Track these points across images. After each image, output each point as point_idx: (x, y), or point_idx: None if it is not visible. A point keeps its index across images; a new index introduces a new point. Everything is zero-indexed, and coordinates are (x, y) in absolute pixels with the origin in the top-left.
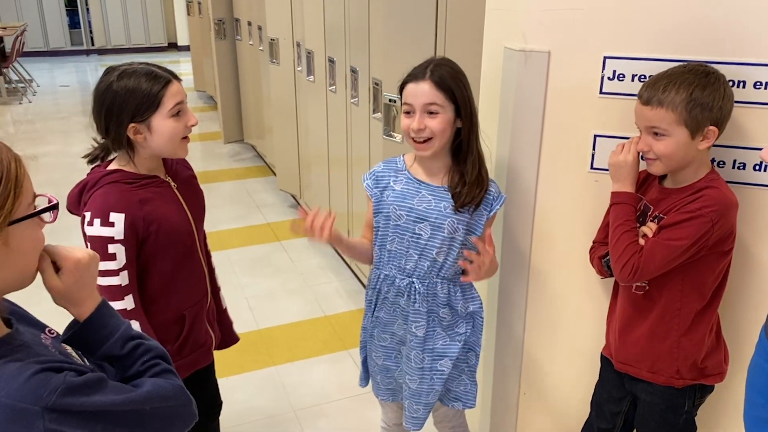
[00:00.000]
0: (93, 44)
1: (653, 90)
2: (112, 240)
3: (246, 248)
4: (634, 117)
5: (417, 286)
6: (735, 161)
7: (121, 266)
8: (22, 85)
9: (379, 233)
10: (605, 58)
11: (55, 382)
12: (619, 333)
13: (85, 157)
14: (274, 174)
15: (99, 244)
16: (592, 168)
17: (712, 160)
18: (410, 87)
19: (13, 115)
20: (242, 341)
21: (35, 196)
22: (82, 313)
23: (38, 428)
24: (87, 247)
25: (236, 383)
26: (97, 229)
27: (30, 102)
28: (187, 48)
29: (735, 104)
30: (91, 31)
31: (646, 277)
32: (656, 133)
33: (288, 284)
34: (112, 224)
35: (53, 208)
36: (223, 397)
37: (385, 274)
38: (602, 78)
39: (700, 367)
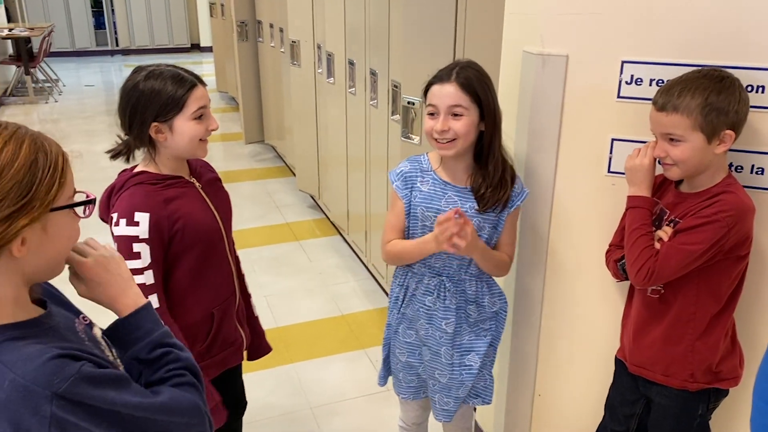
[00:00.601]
0: (117, 45)
1: (668, 96)
2: (137, 239)
3: (265, 247)
4: (650, 123)
5: (447, 284)
6: (753, 166)
7: (146, 265)
8: (49, 84)
9: (409, 232)
10: (623, 62)
11: (69, 370)
12: (634, 336)
13: (108, 152)
14: (294, 174)
15: (125, 244)
16: (609, 171)
17: (730, 165)
18: (435, 88)
19: (39, 114)
20: None
21: (75, 191)
22: (119, 311)
23: (45, 412)
24: (114, 243)
25: (254, 379)
26: (122, 229)
27: (56, 101)
28: (209, 49)
29: (753, 109)
30: (115, 32)
31: (661, 281)
32: (672, 139)
33: (306, 283)
34: (137, 224)
35: (90, 202)
36: None
37: (414, 272)
38: (620, 82)
39: (714, 371)
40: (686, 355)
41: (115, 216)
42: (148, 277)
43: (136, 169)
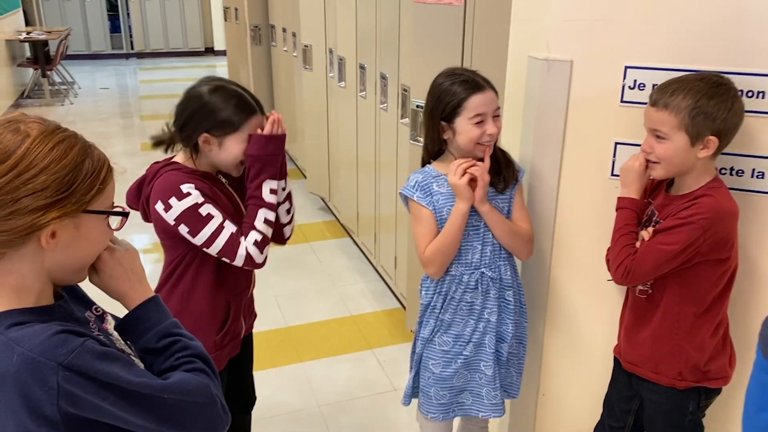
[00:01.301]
0: (132, 48)
1: (662, 92)
2: (197, 205)
3: (275, 248)
4: (644, 118)
5: (488, 274)
6: (753, 170)
7: (222, 218)
8: (65, 87)
9: None
10: (626, 67)
11: (73, 343)
12: (626, 334)
13: (152, 138)
14: (305, 177)
15: (191, 216)
16: (612, 175)
17: (731, 169)
18: (480, 98)
19: (55, 116)
20: (270, 338)
21: (113, 205)
22: (128, 305)
23: (52, 383)
24: (178, 228)
25: (264, 378)
26: (178, 206)
27: (72, 104)
28: (223, 53)
29: (754, 114)
30: (131, 36)
31: (639, 280)
32: (658, 136)
33: (315, 284)
34: (188, 194)
35: (125, 215)
36: None
37: (452, 275)
38: (623, 87)
39: (702, 370)
40: (673, 353)
41: (159, 203)
42: (230, 227)
43: (171, 161)
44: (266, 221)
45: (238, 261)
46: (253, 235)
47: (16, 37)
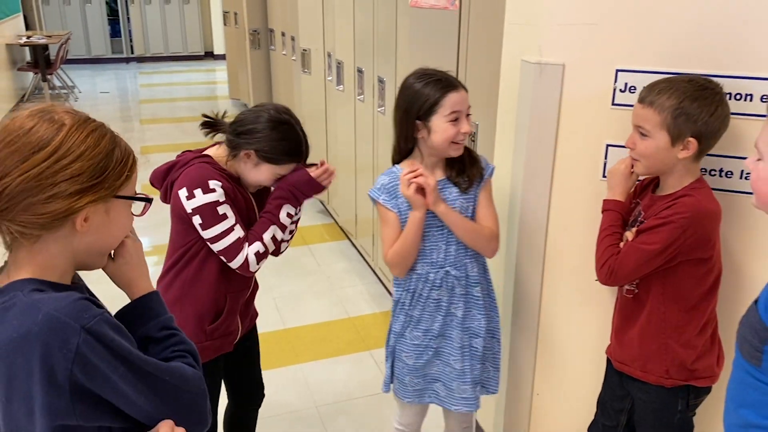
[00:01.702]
0: (132, 52)
1: (650, 90)
2: (218, 203)
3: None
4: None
5: (452, 272)
6: (742, 171)
7: (234, 221)
8: (65, 91)
9: None
10: (617, 71)
11: (95, 311)
12: (616, 334)
13: (205, 115)
14: None
15: (208, 211)
16: (604, 176)
17: (720, 171)
18: (456, 96)
19: None
20: (269, 339)
21: (137, 192)
22: (133, 294)
23: (73, 344)
24: (193, 217)
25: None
26: (201, 198)
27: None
28: (223, 57)
29: (742, 116)
30: (131, 40)
31: (622, 279)
32: (642, 133)
33: (314, 286)
34: (213, 190)
35: (149, 200)
36: None
37: (418, 273)
38: (614, 90)
39: (690, 369)
40: (660, 352)
41: (184, 191)
42: (238, 231)
43: (205, 152)
44: (273, 238)
45: (235, 263)
46: (258, 246)
47: (17, 41)
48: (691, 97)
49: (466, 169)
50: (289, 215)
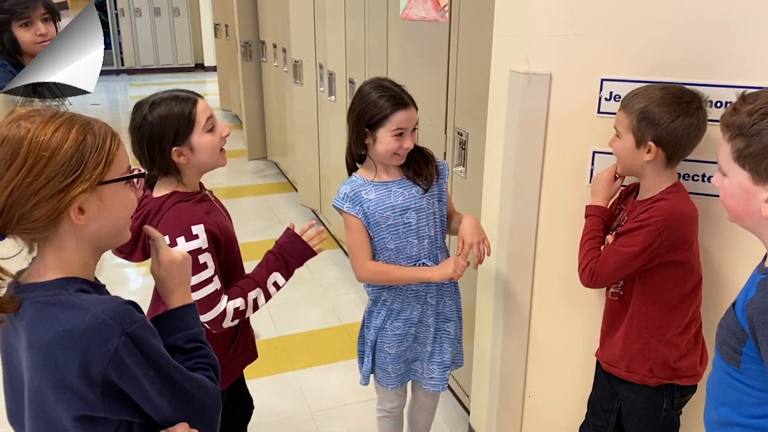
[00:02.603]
0: (123, 64)
1: (629, 94)
2: (200, 251)
3: None
4: None
5: (428, 264)
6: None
7: (213, 272)
8: (56, 103)
9: (376, 240)
10: (602, 80)
11: (138, 316)
12: (603, 335)
13: (145, 188)
14: (296, 190)
15: (192, 259)
16: (590, 182)
17: (703, 176)
18: (403, 114)
19: None
20: (263, 347)
21: (129, 167)
22: (170, 303)
23: (112, 345)
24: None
25: (257, 386)
26: (183, 246)
27: None
28: (213, 69)
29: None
30: (121, 52)
31: (603, 282)
32: (617, 134)
33: (307, 294)
34: (196, 236)
35: (140, 176)
36: None
37: None
38: (600, 98)
39: (673, 368)
40: (643, 352)
41: (167, 238)
42: (216, 283)
43: (163, 192)
44: (255, 301)
45: (210, 315)
46: (239, 302)
47: None
48: (657, 103)
49: (422, 168)
50: (275, 284)
